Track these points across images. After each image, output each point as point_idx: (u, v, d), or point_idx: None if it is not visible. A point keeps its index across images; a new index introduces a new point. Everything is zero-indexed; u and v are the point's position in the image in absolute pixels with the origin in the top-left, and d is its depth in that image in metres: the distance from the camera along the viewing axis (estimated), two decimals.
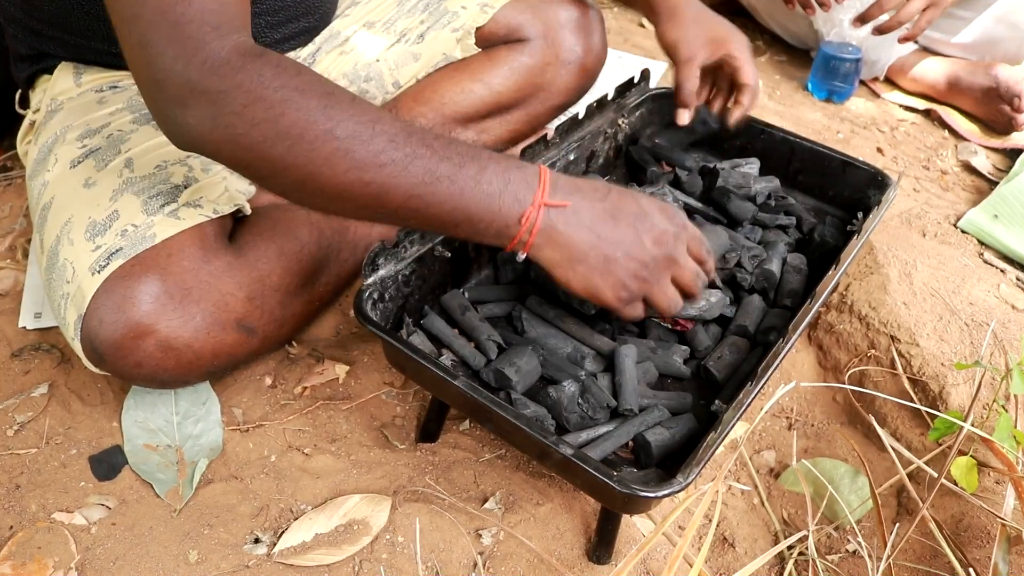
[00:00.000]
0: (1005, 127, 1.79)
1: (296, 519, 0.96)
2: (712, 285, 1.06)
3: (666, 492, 0.75)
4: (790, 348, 0.91)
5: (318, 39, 1.27)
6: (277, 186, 0.81)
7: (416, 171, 0.76)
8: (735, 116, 1.23)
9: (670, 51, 1.22)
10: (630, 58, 1.93)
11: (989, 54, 1.86)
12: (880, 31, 1.61)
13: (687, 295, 0.93)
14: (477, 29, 1.31)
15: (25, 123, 1.20)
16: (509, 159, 0.83)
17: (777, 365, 0.88)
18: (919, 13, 1.56)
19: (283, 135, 0.74)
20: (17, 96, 1.22)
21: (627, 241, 0.85)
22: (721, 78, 1.25)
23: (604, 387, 0.96)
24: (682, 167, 1.29)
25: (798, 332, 0.92)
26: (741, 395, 0.83)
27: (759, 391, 0.86)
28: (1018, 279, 1.36)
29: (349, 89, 1.27)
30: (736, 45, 1.21)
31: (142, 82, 0.78)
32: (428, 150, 0.77)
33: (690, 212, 1.18)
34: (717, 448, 0.80)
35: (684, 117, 1.23)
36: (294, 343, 1.18)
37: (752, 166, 1.25)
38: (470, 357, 0.99)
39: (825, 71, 1.90)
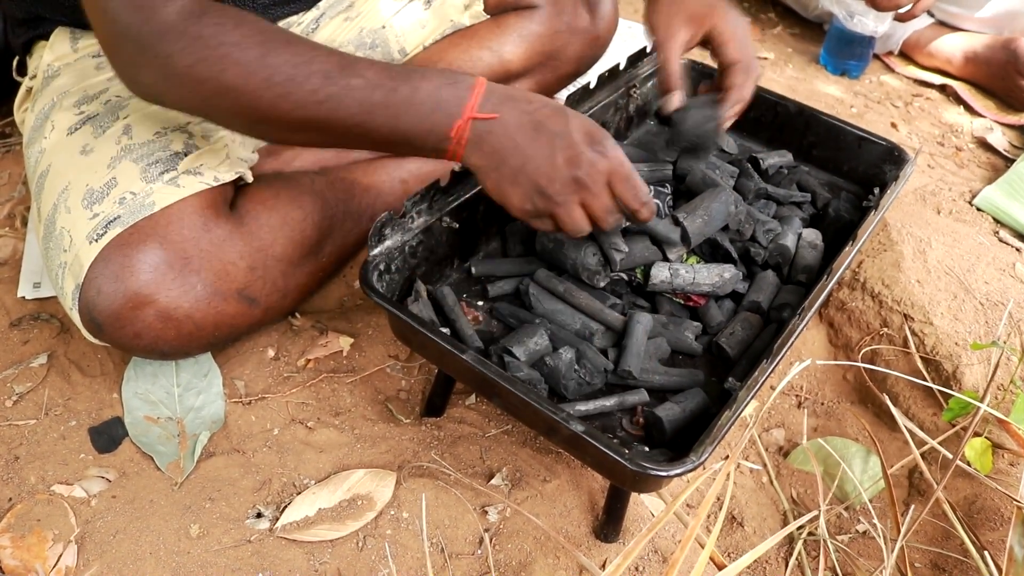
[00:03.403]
0: (1022, 103, 1.76)
1: (299, 494, 0.95)
2: (726, 258, 1.04)
3: (679, 471, 0.73)
4: (805, 325, 0.89)
5: (322, 4, 1.24)
6: (234, 128, 0.92)
7: (353, 102, 0.82)
8: (727, 102, 1.09)
9: (650, 32, 1.14)
10: (640, 28, 1.90)
11: (1008, 28, 1.83)
12: (901, 19, 1.60)
13: (598, 227, 0.90)
14: None
15: (22, 90, 1.17)
16: (443, 75, 0.86)
17: (792, 342, 0.86)
18: None
19: (228, 89, 0.81)
20: (14, 63, 1.19)
21: (540, 156, 0.84)
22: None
23: (608, 356, 0.94)
24: None
25: (813, 309, 0.90)
26: (756, 373, 0.81)
27: (774, 369, 0.84)
28: None
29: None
30: (720, 18, 1.10)
31: (103, 42, 0.84)
32: (362, 80, 0.82)
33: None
34: (730, 427, 0.78)
35: (672, 102, 1.10)
36: (297, 314, 1.16)
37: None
38: (470, 339, 0.97)
39: (838, 47, 1.87)
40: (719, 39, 1.10)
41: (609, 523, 0.92)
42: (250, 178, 1.04)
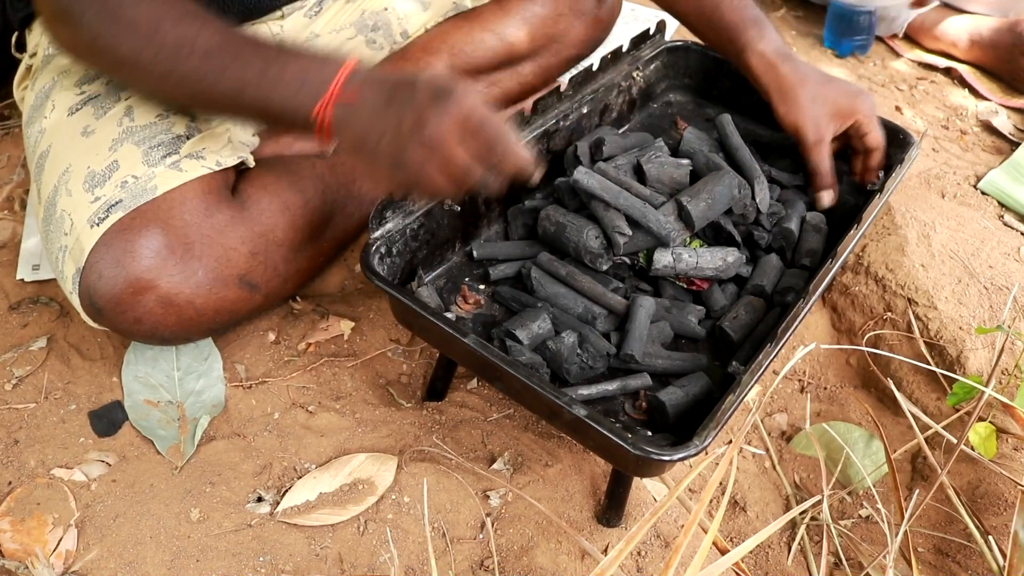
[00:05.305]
0: None
1: (300, 478, 0.95)
2: (729, 242, 1.03)
3: (682, 455, 0.73)
4: (809, 309, 0.88)
5: None
6: (140, 95, 1.00)
7: (228, 80, 0.86)
8: (869, 180, 1.16)
9: (794, 134, 1.13)
10: (643, 10, 1.89)
11: (1014, 11, 1.81)
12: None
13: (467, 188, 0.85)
14: None
15: (22, 68, 1.16)
16: (314, 59, 0.87)
17: (796, 326, 0.86)
18: None
19: (122, 62, 0.87)
20: (13, 39, 1.18)
21: (389, 128, 0.83)
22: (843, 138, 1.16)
23: (611, 340, 0.94)
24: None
25: (817, 293, 0.90)
26: (759, 357, 0.80)
27: (777, 353, 0.84)
28: None
29: (356, 39, 1.23)
30: (863, 112, 1.12)
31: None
32: (237, 61, 0.86)
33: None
34: (734, 411, 0.77)
35: (827, 200, 1.12)
36: (298, 298, 1.16)
37: None
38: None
39: (839, 26, 1.86)
40: (863, 129, 1.12)
41: (611, 508, 0.92)
42: (252, 162, 1.04)
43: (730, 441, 1.06)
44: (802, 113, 1.11)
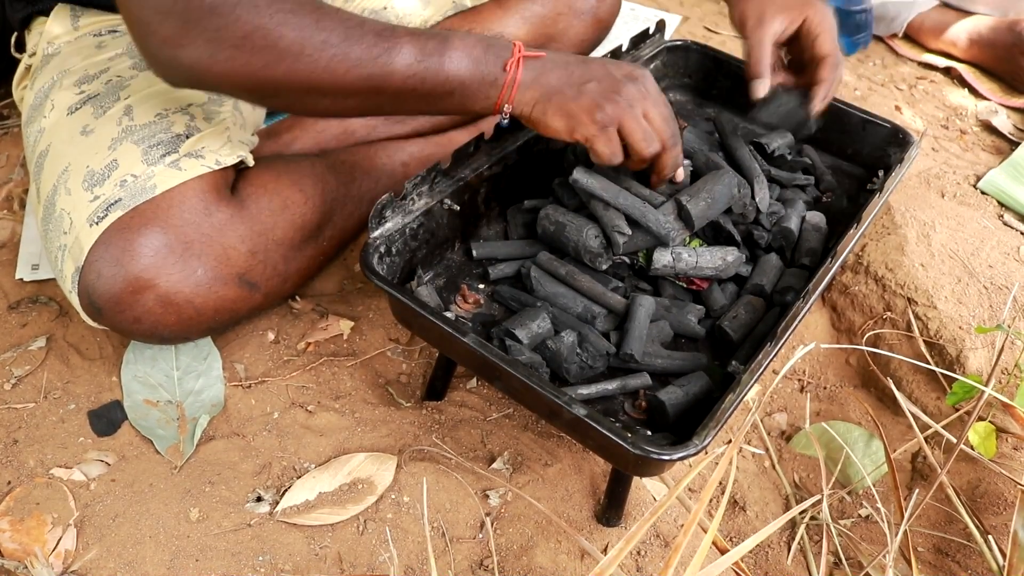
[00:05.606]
0: None
1: (299, 477, 0.94)
2: (729, 241, 1.03)
3: (682, 455, 0.73)
4: (809, 308, 0.88)
5: None
6: (282, 102, 0.92)
7: (407, 52, 0.85)
8: (818, 96, 1.10)
9: (739, 27, 1.11)
10: (643, 10, 1.89)
11: (1013, 10, 1.81)
12: None
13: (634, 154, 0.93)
14: None
15: (21, 67, 1.16)
16: (480, 34, 0.91)
17: (796, 325, 0.86)
18: None
19: (284, 55, 0.80)
20: (13, 39, 1.18)
21: (599, 72, 0.91)
22: (799, 54, 1.13)
23: (611, 339, 0.94)
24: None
25: (817, 292, 0.90)
26: (760, 356, 0.80)
27: (777, 353, 0.84)
28: None
29: None
30: (814, 9, 1.09)
31: (134, 22, 0.81)
32: (412, 36, 0.86)
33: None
34: (734, 410, 0.77)
35: (760, 89, 1.09)
36: (297, 298, 1.16)
37: None
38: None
39: (837, 25, 1.86)
40: (813, 31, 1.09)
41: (611, 507, 0.92)
42: (251, 161, 1.03)
43: (730, 441, 1.06)
44: (749, 5, 1.11)
